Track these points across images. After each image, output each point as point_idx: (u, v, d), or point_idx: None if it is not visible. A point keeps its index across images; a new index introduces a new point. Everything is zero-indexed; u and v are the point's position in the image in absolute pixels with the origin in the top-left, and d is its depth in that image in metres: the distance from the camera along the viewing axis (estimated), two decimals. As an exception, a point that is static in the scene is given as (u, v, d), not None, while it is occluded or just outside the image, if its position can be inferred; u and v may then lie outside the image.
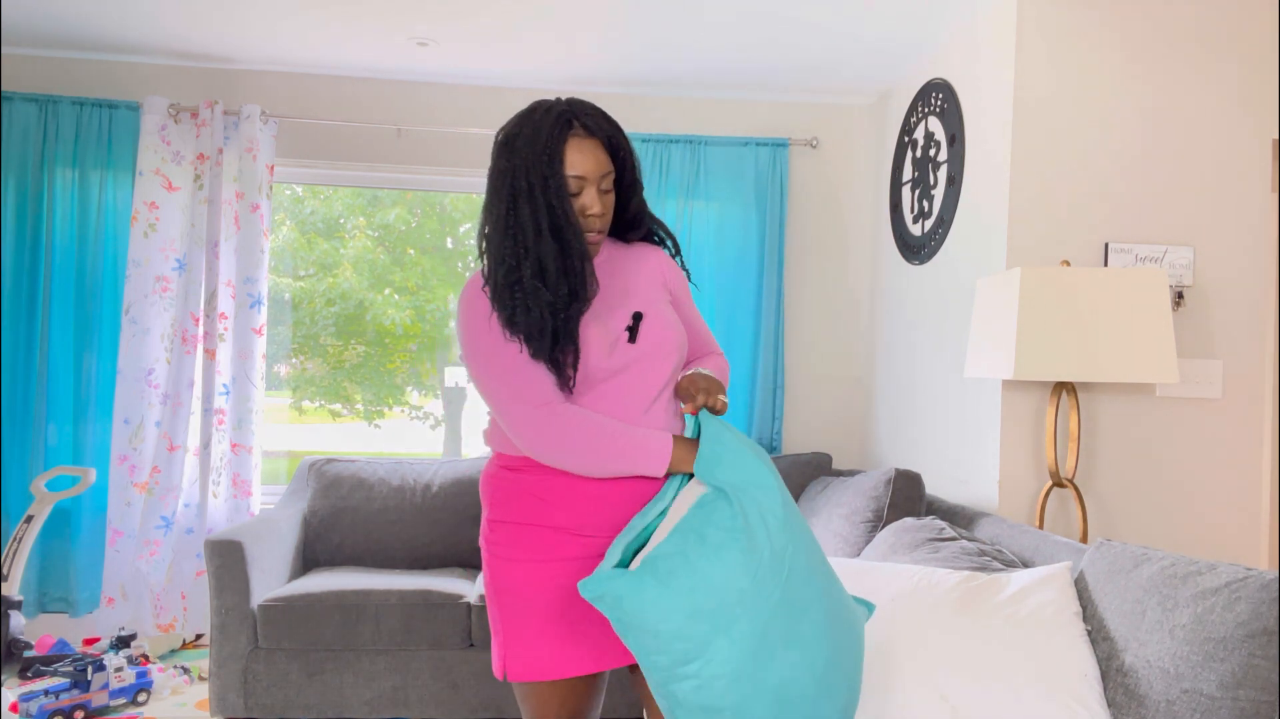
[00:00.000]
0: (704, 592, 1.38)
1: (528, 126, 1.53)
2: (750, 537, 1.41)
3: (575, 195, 1.54)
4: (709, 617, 1.38)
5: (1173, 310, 2.89)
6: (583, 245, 1.52)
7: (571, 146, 1.52)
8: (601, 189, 1.56)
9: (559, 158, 1.51)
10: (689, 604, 1.38)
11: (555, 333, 1.51)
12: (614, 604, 1.40)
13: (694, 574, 1.39)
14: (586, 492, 1.57)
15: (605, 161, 1.56)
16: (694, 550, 1.40)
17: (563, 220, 1.50)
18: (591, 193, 1.54)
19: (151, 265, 3.69)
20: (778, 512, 1.45)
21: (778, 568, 1.42)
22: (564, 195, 1.51)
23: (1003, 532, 2.45)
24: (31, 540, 3.35)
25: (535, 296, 1.50)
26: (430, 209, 4.62)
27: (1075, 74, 2.87)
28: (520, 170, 1.51)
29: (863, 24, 3.26)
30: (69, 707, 2.92)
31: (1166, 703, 1.57)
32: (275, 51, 3.70)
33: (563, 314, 1.51)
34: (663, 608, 1.38)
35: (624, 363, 1.58)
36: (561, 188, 1.51)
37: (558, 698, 1.60)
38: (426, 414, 4.90)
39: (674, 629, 1.38)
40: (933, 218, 3.41)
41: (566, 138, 1.52)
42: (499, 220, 1.53)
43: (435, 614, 2.93)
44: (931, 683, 1.72)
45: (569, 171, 1.52)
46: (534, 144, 1.51)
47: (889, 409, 3.83)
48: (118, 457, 3.66)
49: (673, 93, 4.04)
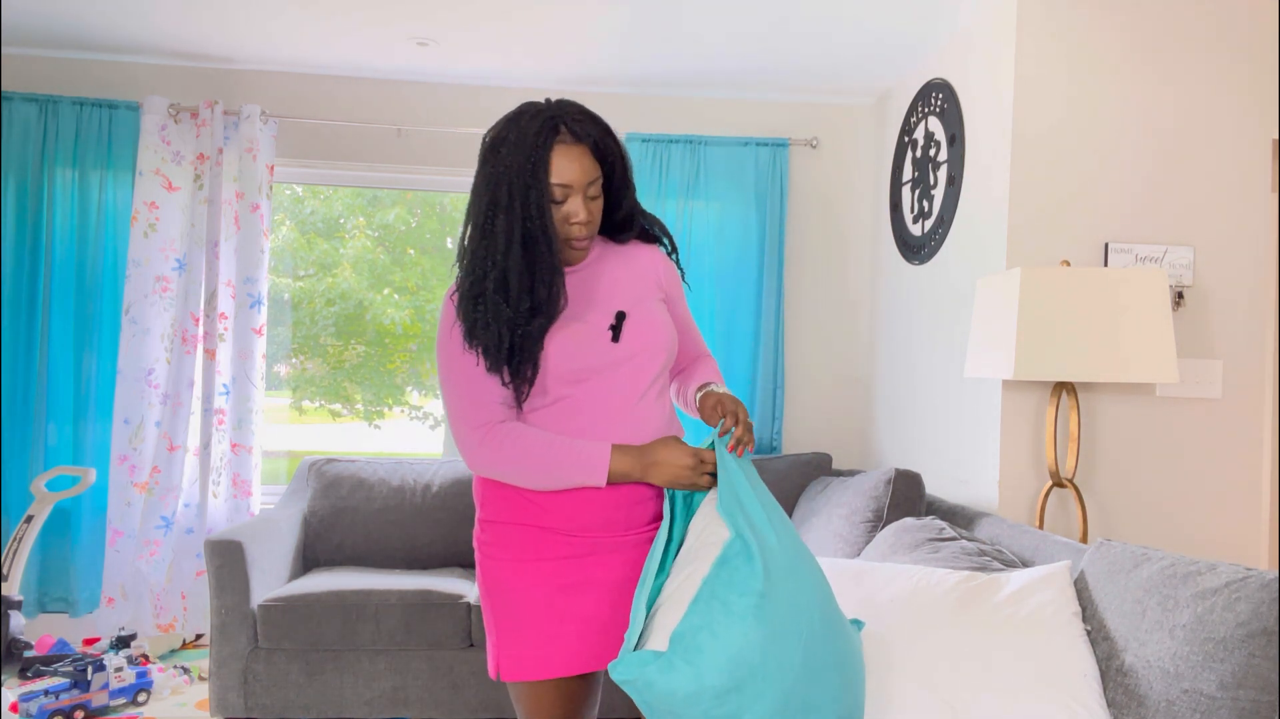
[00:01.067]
0: (730, 666, 1.36)
1: (514, 132, 1.51)
2: (773, 599, 1.39)
3: (560, 203, 1.53)
4: (736, 692, 1.36)
5: (1173, 310, 2.89)
6: (554, 260, 1.51)
7: (558, 154, 1.50)
8: (588, 195, 1.54)
9: (544, 166, 1.49)
10: (717, 682, 1.36)
11: (511, 348, 1.52)
12: (645, 688, 1.38)
13: (721, 649, 1.36)
14: (572, 493, 1.58)
15: (592, 168, 1.54)
16: (720, 622, 1.37)
17: (538, 233, 1.49)
18: (577, 200, 1.53)
19: (151, 265, 3.70)
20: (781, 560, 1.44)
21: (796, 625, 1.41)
22: (544, 208, 1.49)
23: (1003, 532, 2.45)
24: (31, 540, 3.35)
25: (495, 311, 1.50)
26: (430, 209, 4.62)
27: (1075, 74, 2.87)
28: (503, 178, 1.49)
29: (863, 24, 3.26)
30: (69, 707, 2.92)
31: (1166, 703, 1.57)
32: (275, 51, 3.70)
33: (520, 330, 1.51)
34: (693, 688, 1.36)
35: (607, 362, 1.58)
36: (543, 199, 1.49)
37: (550, 697, 1.60)
38: (426, 414, 4.90)
39: (704, 710, 1.37)
40: (933, 218, 3.41)
41: (553, 145, 1.50)
42: (475, 229, 1.53)
43: (435, 614, 2.93)
44: (931, 683, 1.72)
45: (554, 180, 1.50)
46: (519, 151, 1.49)
47: (889, 409, 3.83)
48: (118, 457, 3.66)
49: (673, 93, 4.04)
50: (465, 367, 1.57)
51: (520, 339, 1.51)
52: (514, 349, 1.52)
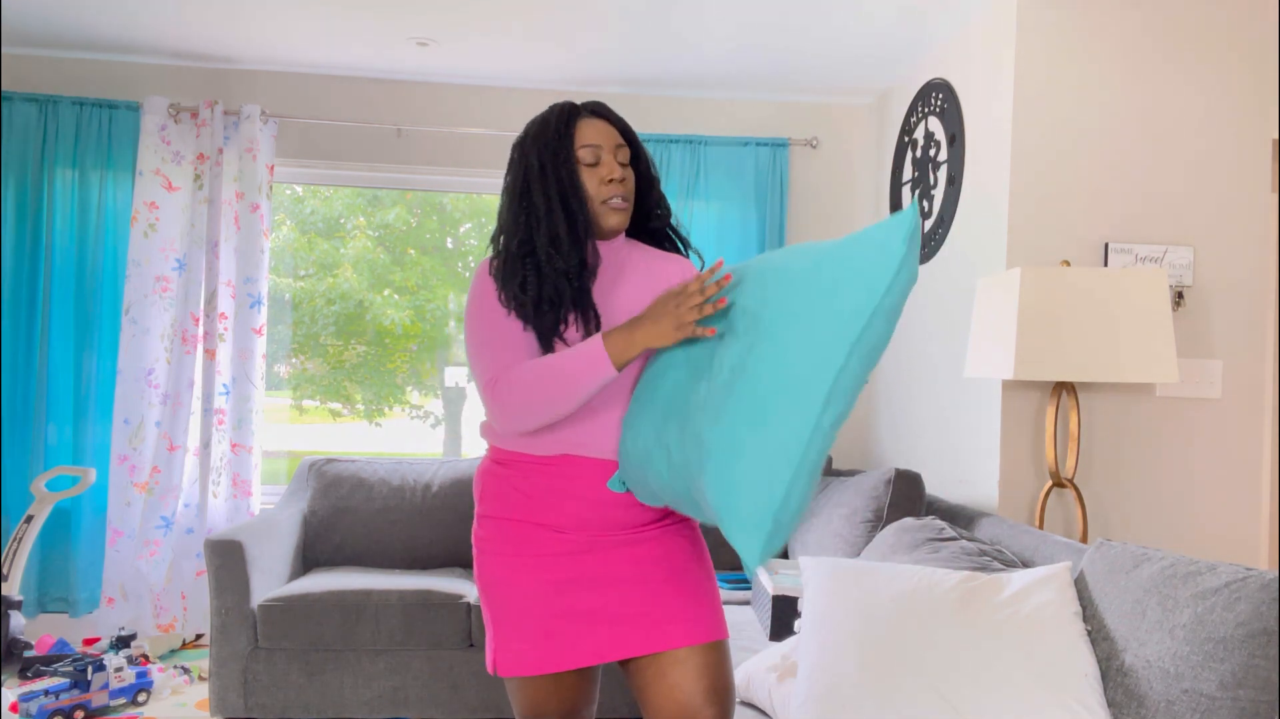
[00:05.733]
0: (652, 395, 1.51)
1: (537, 122, 1.62)
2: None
3: (593, 165, 1.59)
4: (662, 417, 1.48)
5: (1173, 310, 2.89)
6: (587, 218, 1.57)
7: (582, 124, 1.60)
8: (619, 160, 1.61)
9: (569, 136, 1.58)
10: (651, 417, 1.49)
11: (574, 300, 1.55)
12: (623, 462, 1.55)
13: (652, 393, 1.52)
14: (568, 490, 1.58)
15: (617, 136, 1.62)
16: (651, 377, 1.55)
17: (569, 192, 1.56)
18: (610, 160, 1.60)
19: (151, 265, 3.69)
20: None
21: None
22: (573, 170, 1.57)
23: (1003, 532, 2.45)
24: (31, 540, 3.35)
25: (550, 264, 1.54)
26: (430, 209, 4.61)
27: (1075, 74, 2.87)
28: (532, 154, 1.59)
29: (863, 24, 3.26)
30: (69, 707, 2.92)
31: (1166, 703, 1.57)
32: (275, 51, 3.70)
33: (576, 282, 1.55)
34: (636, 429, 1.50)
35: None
36: (570, 162, 1.57)
37: (545, 693, 1.61)
38: (427, 413, 4.90)
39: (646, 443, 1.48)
40: (933, 218, 3.41)
41: (576, 120, 1.60)
42: (513, 201, 1.61)
43: (435, 614, 2.93)
44: (932, 683, 1.72)
45: (581, 143, 1.58)
46: (544, 130, 1.59)
47: (889, 409, 3.83)
48: (118, 457, 3.66)
49: (673, 93, 4.04)
50: (502, 331, 1.57)
51: (578, 292, 1.55)
52: (575, 300, 1.55)
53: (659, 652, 1.56)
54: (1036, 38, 2.86)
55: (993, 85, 2.99)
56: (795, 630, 2.37)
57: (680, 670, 1.56)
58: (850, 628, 1.83)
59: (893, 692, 1.72)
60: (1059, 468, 2.73)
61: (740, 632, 2.60)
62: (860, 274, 1.29)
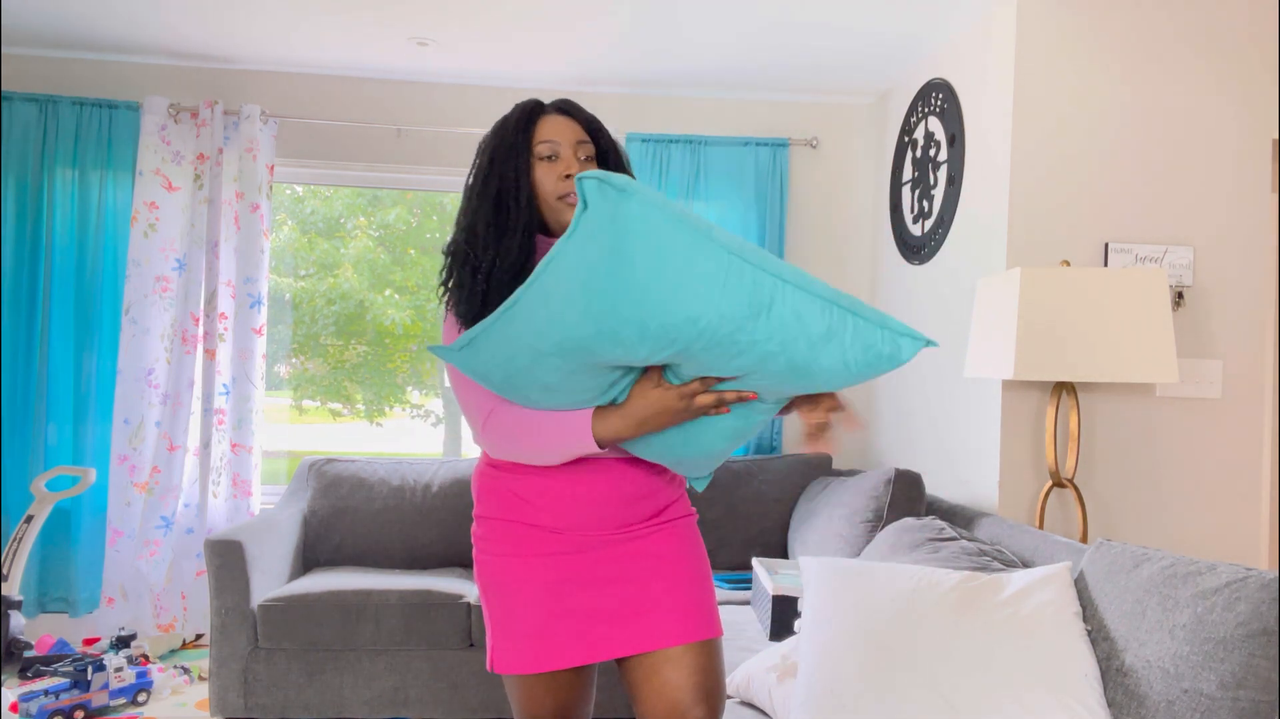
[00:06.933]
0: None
1: (500, 119, 1.59)
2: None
3: (551, 160, 1.54)
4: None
5: (1173, 310, 2.89)
6: (527, 214, 1.51)
7: (542, 121, 1.56)
8: (579, 158, 1.56)
9: (527, 132, 1.55)
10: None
11: (485, 298, 1.48)
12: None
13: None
14: (561, 492, 1.58)
15: (580, 133, 1.57)
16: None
17: (510, 189, 1.52)
18: (568, 155, 1.55)
19: (151, 265, 3.69)
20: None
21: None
22: (522, 168, 1.53)
23: (1003, 532, 2.45)
24: (31, 540, 3.35)
25: (464, 259, 1.52)
26: (430, 209, 4.61)
27: (1075, 74, 2.87)
28: (487, 151, 1.56)
29: (863, 24, 3.26)
30: (69, 707, 2.92)
31: (1166, 703, 1.57)
32: (275, 51, 3.70)
33: (483, 278, 1.49)
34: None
35: None
36: (522, 155, 1.53)
37: (542, 691, 1.61)
38: (427, 412, 4.90)
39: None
40: (933, 218, 3.41)
41: (539, 117, 1.57)
42: (463, 199, 1.59)
43: (435, 614, 2.93)
44: (932, 683, 1.72)
45: (539, 139, 1.54)
46: (504, 127, 1.56)
47: (889, 409, 3.83)
48: (118, 457, 3.66)
49: (673, 93, 4.04)
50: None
51: (493, 288, 1.48)
52: (485, 300, 1.48)
53: (651, 650, 1.57)
54: (1036, 38, 2.86)
55: (993, 85, 2.99)
56: (795, 630, 2.37)
57: (671, 668, 1.56)
58: (850, 628, 1.83)
59: (892, 692, 1.72)
60: (1059, 468, 2.73)
61: (740, 632, 2.59)
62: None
